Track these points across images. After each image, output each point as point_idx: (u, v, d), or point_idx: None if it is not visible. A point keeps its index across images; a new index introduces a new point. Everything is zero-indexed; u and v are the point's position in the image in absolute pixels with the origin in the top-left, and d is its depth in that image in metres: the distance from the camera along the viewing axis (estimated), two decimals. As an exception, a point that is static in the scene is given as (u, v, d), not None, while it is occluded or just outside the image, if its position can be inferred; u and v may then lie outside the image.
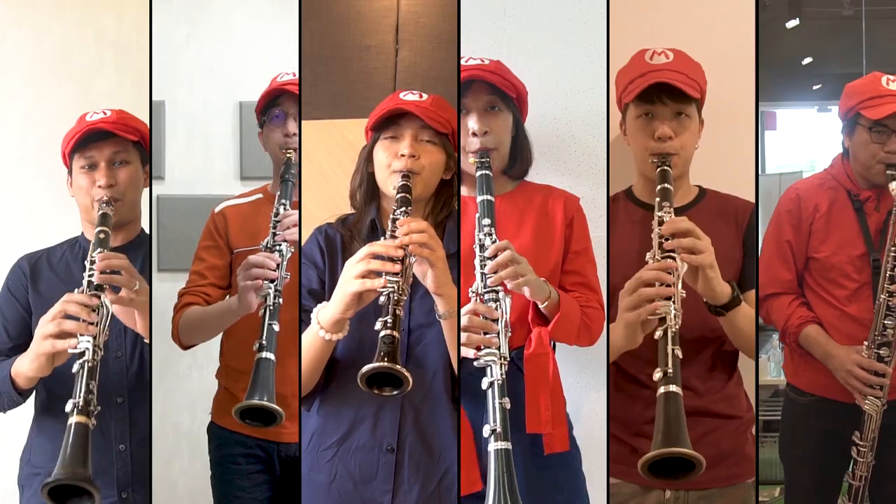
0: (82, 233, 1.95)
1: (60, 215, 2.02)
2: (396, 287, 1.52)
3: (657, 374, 1.50)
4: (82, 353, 1.63)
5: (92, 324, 1.65)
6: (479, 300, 1.61)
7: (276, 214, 1.86)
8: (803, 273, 2.08)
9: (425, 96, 1.73)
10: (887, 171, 1.97)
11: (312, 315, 1.62)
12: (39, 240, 1.95)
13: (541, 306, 1.70)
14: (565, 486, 1.79)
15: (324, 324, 1.59)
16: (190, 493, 2.15)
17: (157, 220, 2.06)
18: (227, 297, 1.95)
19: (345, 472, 1.69)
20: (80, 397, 1.59)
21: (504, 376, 1.53)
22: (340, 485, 1.69)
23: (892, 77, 1.98)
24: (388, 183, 1.70)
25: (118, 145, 1.88)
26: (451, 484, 1.68)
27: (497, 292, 1.61)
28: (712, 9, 2.01)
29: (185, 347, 1.91)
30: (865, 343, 1.94)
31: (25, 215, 2.33)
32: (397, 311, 1.51)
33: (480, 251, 1.64)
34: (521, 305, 1.72)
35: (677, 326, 1.54)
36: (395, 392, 1.50)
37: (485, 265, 1.63)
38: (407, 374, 1.46)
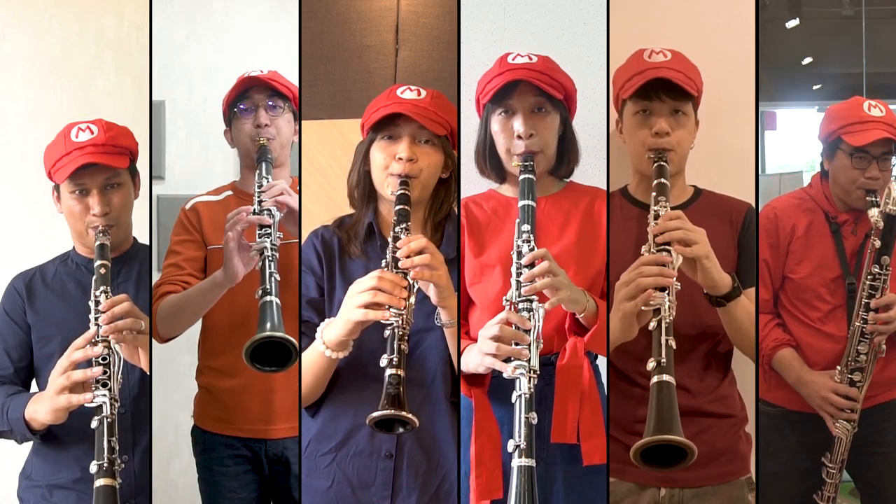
0: (73, 248, 1.90)
1: (61, 215, 2.02)
2: (401, 320, 1.52)
3: (651, 364, 1.50)
4: (100, 408, 1.62)
5: (105, 367, 1.64)
6: (512, 309, 1.58)
7: (260, 186, 1.82)
8: (779, 292, 2.07)
9: (424, 93, 1.70)
10: (867, 198, 1.96)
11: (317, 333, 1.62)
12: (40, 239, 1.95)
13: (578, 316, 1.65)
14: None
15: (328, 343, 1.59)
16: (190, 492, 2.15)
17: (157, 220, 2.06)
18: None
19: (343, 478, 1.68)
20: (104, 458, 1.57)
21: (532, 390, 1.52)
22: (339, 490, 1.68)
23: (873, 102, 1.97)
24: (386, 185, 1.68)
25: (110, 170, 1.80)
26: (450, 490, 1.67)
27: (531, 302, 1.58)
28: (712, 9, 2.01)
29: (164, 340, 1.85)
30: (838, 368, 1.93)
31: (26, 215, 2.33)
32: (402, 347, 1.50)
33: (518, 258, 1.61)
34: (559, 313, 1.67)
35: (671, 318, 1.55)
36: (402, 431, 1.50)
37: (521, 273, 1.59)
38: (413, 418, 1.46)
